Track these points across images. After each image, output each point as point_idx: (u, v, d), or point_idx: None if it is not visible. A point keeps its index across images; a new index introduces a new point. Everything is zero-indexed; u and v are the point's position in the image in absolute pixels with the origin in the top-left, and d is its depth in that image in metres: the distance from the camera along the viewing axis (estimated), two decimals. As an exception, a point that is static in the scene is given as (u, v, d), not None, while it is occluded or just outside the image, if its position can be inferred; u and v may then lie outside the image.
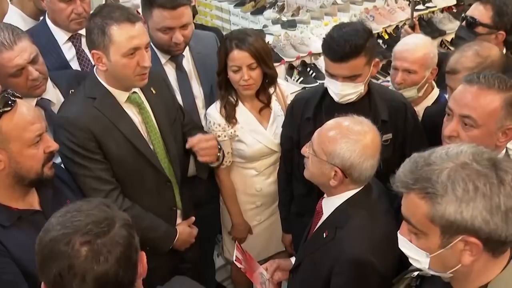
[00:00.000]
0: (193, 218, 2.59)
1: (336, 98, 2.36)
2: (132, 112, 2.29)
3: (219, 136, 2.61)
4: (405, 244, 1.45)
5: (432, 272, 1.43)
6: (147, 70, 2.19)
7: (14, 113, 1.77)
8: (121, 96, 2.24)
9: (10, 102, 1.76)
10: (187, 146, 2.44)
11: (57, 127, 2.18)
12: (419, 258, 1.41)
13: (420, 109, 2.72)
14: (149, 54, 2.19)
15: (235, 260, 2.24)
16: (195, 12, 3.89)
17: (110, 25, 2.07)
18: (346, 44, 2.20)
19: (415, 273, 1.60)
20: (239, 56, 2.48)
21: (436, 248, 1.35)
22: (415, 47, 2.74)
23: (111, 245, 1.27)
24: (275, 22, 4.73)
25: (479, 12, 2.90)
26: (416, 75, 2.69)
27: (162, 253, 2.44)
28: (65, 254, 1.25)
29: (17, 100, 1.79)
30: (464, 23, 2.97)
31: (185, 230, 2.52)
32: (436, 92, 2.84)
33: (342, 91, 2.31)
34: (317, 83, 3.85)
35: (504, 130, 1.83)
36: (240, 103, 2.64)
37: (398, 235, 1.47)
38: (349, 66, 2.25)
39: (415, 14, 4.68)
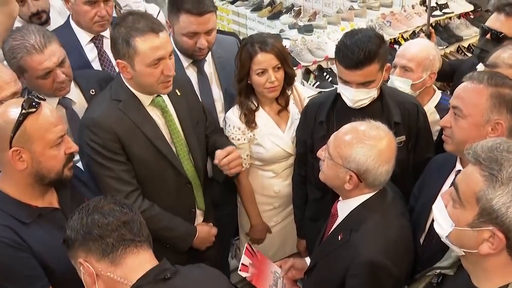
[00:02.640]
0: (211, 224, 2.62)
1: (350, 104, 2.37)
2: (155, 115, 2.31)
3: (238, 140, 2.63)
4: (439, 206, 1.49)
5: (447, 242, 1.45)
6: (171, 78, 2.21)
7: (38, 115, 1.80)
8: (145, 99, 2.27)
9: (34, 104, 1.79)
10: (215, 162, 2.42)
11: (82, 127, 2.21)
12: (443, 224, 1.45)
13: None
14: (172, 62, 2.21)
15: (240, 270, 2.18)
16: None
17: (135, 37, 2.09)
18: (360, 52, 2.20)
19: (437, 271, 1.62)
20: (264, 59, 2.49)
21: (464, 225, 1.37)
22: (415, 46, 2.76)
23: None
24: (291, 27, 4.75)
25: (501, 24, 2.78)
26: (413, 74, 2.70)
27: (181, 251, 2.46)
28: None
29: (41, 102, 1.83)
30: (489, 36, 2.81)
31: (204, 228, 2.55)
32: (438, 95, 2.84)
33: (356, 97, 2.32)
34: (333, 88, 3.85)
35: (493, 124, 1.85)
36: (260, 108, 2.64)
37: (438, 196, 1.51)
38: (363, 73, 2.25)
39: (432, 20, 4.69)
